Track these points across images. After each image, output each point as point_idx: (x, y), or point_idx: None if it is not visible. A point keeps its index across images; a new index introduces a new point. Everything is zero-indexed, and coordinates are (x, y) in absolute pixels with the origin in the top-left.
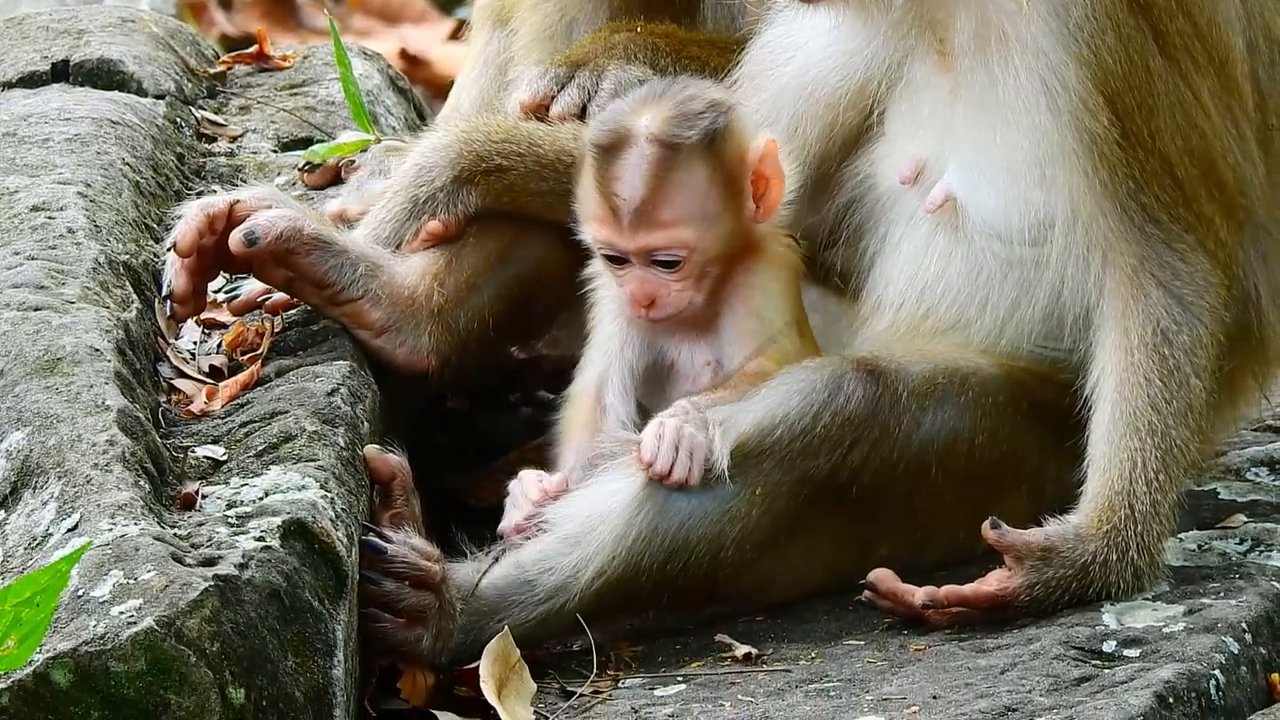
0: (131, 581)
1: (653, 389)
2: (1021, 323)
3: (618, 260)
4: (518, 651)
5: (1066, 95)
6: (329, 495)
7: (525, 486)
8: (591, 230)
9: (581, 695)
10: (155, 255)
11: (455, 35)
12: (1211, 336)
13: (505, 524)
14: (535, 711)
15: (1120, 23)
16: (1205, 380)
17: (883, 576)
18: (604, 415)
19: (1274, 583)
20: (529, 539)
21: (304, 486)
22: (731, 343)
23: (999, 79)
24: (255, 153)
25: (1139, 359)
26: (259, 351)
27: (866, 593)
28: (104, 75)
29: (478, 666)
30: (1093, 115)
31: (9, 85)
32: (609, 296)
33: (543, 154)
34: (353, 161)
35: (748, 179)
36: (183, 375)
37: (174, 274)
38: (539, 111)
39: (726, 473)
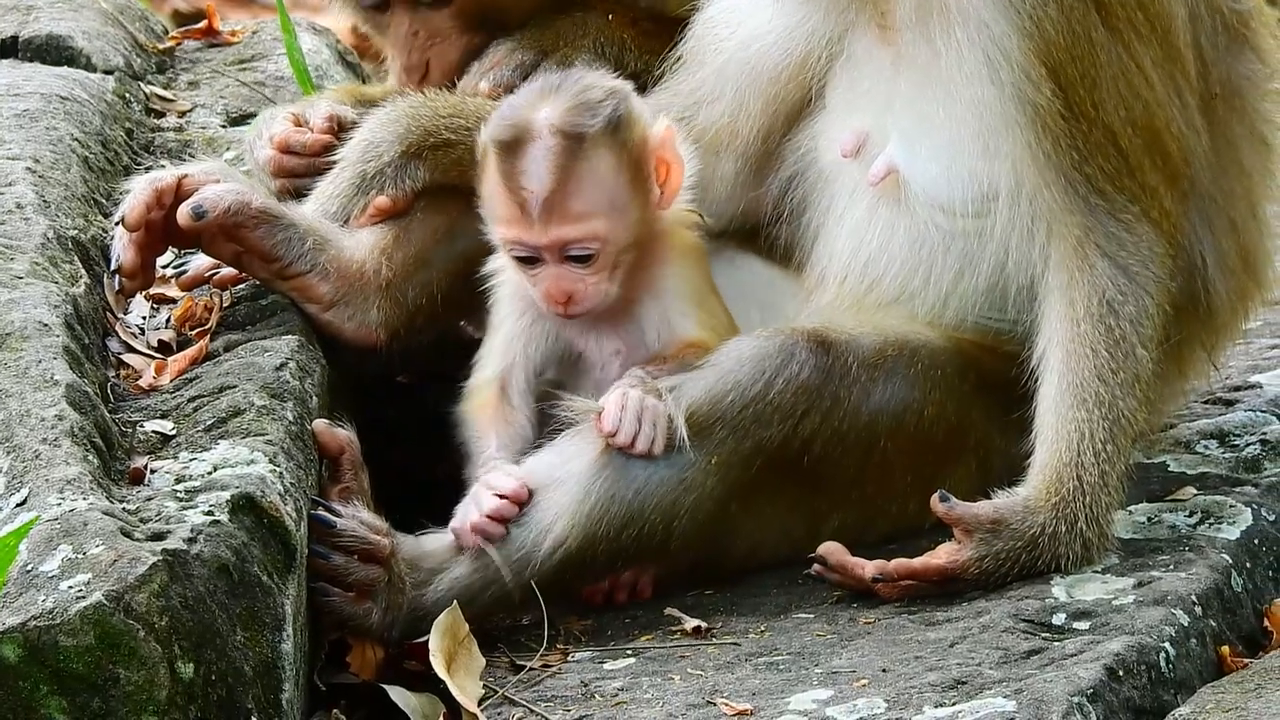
0: (80, 556)
1: (563, 375)
2: (965, 294)
3: (529, 260)
4: (466, 626)
5: (1009, 67)
6: (278, 470)
7: (496, 484)
8: (500, 230)
9: (531, 669)
10: (104, 230)
11: None
12: (1158, 307)
13: (461, 521)
14: (485, 685)
15: None
16: (1152, 351)
17: (832, 549)
18: (511, 409)
19: (1223, 555)
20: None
21: (253, 461)
22: (649, 332)
23: (941, 51)
24: (204, 128)
25: (1085, 330)
26: (208, 326)
27: (816, 566)
28: (53, 51)
29: (427, 640)
30: (1035, 87)
31: None
32: (511, 295)
33: None
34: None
35: (652, 165)
36: (131, 350)
37: (122, 249)
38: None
39: (686, 442)
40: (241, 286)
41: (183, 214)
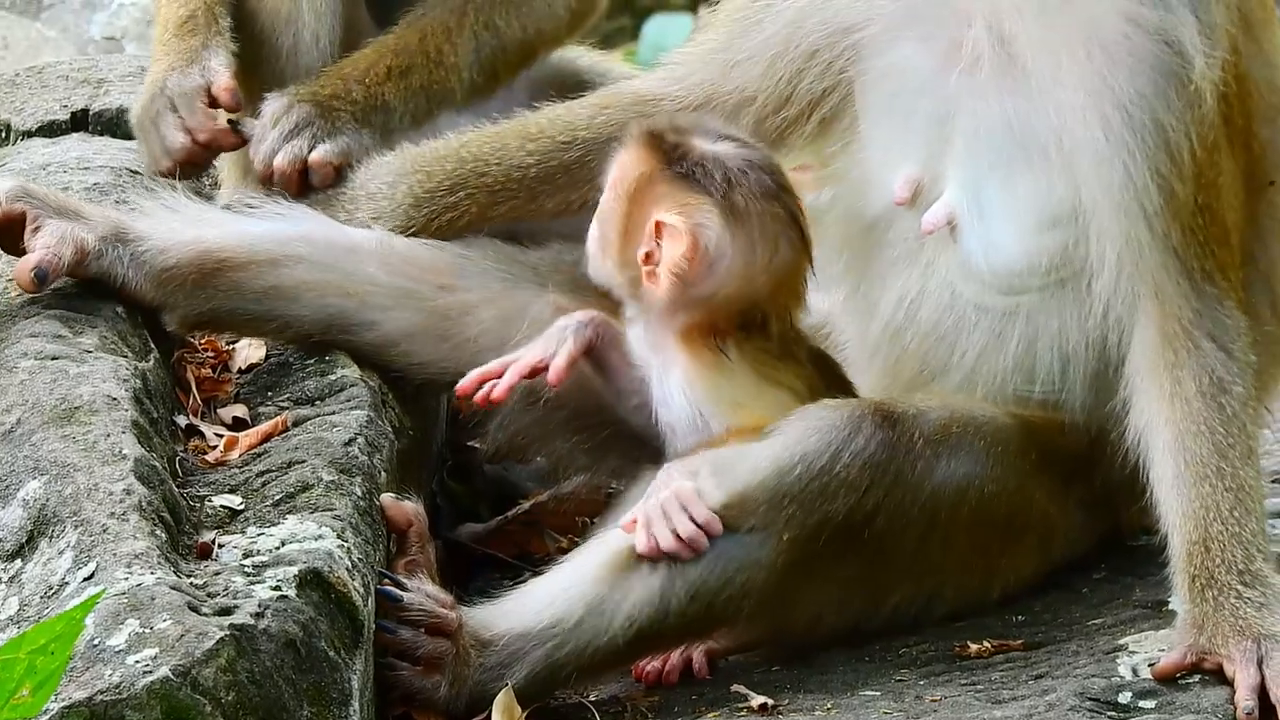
0: (147, 630)
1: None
2: (1020, 368)
3: None
4: (519, 709)
5: (1142, 147)
6: (345, 545)
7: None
8: None
9: None
10: None
11: None
12: (1252, 389)
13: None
14: None
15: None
16: (1257, 431)
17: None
18: None
19: None
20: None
21: (320, 536)
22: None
23: (1062, 110)
24: None
25: (1197, 408)
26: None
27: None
28: (123, 124)
29: (489, 716)
30: (1164, 178)
31: (29, 134)
32: None
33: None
34: None
35: (646, 226)
36: (202, 423)
37: None
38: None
39: (718, 518)
40: (310, 361)
41: None
